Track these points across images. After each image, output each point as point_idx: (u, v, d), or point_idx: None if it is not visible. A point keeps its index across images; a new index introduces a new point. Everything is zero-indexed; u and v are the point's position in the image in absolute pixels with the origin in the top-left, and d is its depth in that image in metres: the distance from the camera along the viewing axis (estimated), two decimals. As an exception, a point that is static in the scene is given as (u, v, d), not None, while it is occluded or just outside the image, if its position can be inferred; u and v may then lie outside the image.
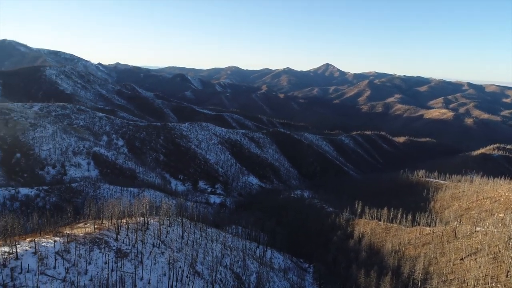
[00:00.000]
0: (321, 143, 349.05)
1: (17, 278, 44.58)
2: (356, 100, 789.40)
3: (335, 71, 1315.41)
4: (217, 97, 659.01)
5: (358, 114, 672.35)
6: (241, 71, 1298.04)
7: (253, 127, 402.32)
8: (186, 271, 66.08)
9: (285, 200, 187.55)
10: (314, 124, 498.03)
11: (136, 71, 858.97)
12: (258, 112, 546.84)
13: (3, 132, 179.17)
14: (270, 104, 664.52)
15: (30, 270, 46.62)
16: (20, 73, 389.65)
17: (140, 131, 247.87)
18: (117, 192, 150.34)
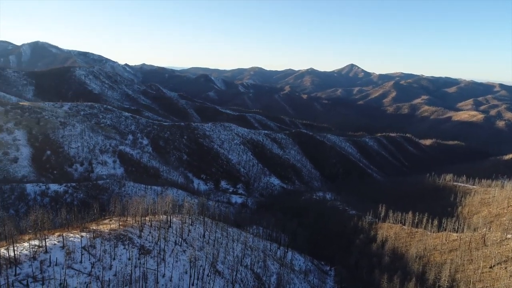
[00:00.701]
0: (344, 144, 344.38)
1: (46, 271, 46.25)
2: (381, 101, 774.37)
3: (360, 71, 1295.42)
4: (240, 98, 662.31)
5: (383, 115, 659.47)
6: (264, 71, 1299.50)
7: (275, 127, 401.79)
8: (207, 269, 66.66)
9: (306, 201, 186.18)
10: (337, 126, 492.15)
11: (161, 72, 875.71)
12: (281, 113, 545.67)
13: (35, 130, 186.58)
14: (293, 105, 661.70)
15: (58, 263, 48.26)
16: (51, 73, 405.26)
17: (164, 130, 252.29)
18: (141, 190, 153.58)
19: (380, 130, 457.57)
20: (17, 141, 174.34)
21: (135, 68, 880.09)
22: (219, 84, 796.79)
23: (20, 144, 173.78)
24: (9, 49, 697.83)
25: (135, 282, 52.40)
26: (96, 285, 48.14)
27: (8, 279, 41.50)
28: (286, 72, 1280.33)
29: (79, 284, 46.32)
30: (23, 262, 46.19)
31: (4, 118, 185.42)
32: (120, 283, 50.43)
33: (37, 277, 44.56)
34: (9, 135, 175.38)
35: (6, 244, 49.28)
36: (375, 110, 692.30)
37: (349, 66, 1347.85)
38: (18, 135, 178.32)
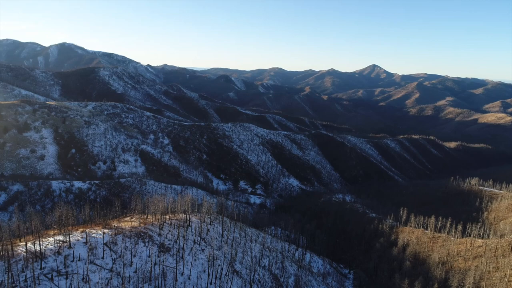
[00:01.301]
0: (365, 146, 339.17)
1: (69, 266, 47.60)
2: (403, 102, 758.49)
3: (382, 72, 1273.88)
4: (259, 98, 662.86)
5: (405, 117, 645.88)
6: (284, 72, 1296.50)
7: (295, 128, 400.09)
8: (225, 269, 66.97)
9: (326, 203, 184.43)
10: (358, 127, 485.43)
11: (182, 72, 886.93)
12: (301, 113, 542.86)
13: (61, 129, 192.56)
14: (313, 106, 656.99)
15: (81, 258, 49.58)
16: (77, 74, 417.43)
17: (185, 130, 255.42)
18: (162, 188, 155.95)
19: (402, 132, 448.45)
20: (44, 139, 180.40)
21: (157, 68, 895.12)
22: (239, 85, 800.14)
23: (47, 142, 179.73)
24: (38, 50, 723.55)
25: (154, 279, 53.22)
26: (117, 281, 49.14)
27: (34, 272, 42.94)
28: (306, 73, 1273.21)
29: (101, 280, 47.42)
30: (48, 257, 47.69)
31: (32, 117, 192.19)
32: (140, 280, 51.31)
33: (61, 272, 45.90)
34: (36, 134, 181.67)
35: (33, 238, 51.03)
36: (397, 112, 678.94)
37: (371, 67, 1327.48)
38: (45, 134, 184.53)
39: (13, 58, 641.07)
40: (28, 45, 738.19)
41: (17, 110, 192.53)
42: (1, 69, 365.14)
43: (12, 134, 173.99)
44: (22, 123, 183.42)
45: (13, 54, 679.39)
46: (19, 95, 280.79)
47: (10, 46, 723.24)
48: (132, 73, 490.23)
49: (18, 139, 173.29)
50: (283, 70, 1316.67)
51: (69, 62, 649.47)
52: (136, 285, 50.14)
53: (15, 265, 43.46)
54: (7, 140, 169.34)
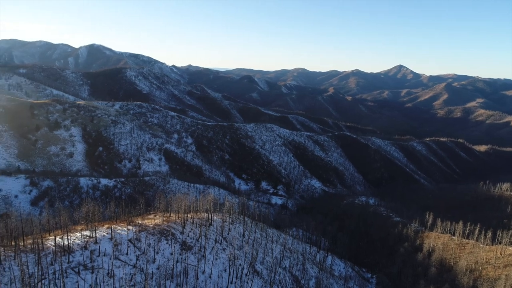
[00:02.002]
0: (389, 148, 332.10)
1: (95, 260, 49.01)
2: (431, 104, 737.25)
3: (409, 73, 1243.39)
4: (282, 99, 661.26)
5: (432, 119, 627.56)
6: (307, 73, 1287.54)
7: (318, 129, 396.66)
8: (246, 269, 67.13)
9: (348, 205, 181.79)
10: (383, 129, 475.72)
11: (206, 73, 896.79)
12: (324, 114, 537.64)
13: (89, 127, 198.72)
14: (337, 107, 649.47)
15: (106, 254, 50.95)
16: (104, 74, 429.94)
17: (208, 130, 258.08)
18: (185, 187, 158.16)
19: (429, 134, 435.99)
20: (73, 137, 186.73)
21: (182, 69, 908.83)
22: (262, 85, 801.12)
23: (76, 140, 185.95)
24: (68, 51, 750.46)
25: (176, 277, 53.99)
26: (140, 277, 50.17)
27: (62, 266, 44.49)
28: (330, 73, 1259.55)
29: (125, 275, 48.56)
30: (75, 251, 49.28)
31: (63, 115, 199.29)
32: (163, 277, 52.18)
33: (87, 266, 47.34)
34: (66, 132, 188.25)
35: (61, 233, 52.86)
36: (424, 113, 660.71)
37: (397, 67, 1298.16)
38: (74, 132, 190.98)
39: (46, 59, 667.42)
40: (59, 46, 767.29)
41: (49, 109, 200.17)
42: (34, 69, 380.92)
43: (43, 132, 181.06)
44: (53, 122, 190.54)
45: (46, 55, 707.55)
46: (50, 94, 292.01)
47: (43, 47, 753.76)
48: (158, 73, 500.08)
49: (49, 137, 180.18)
50: (306, 71, 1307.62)
51: (98, 63, 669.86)
52: (158, 281, 51.02)
53: (45, 258, 45.16)
54: (39, 138, 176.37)
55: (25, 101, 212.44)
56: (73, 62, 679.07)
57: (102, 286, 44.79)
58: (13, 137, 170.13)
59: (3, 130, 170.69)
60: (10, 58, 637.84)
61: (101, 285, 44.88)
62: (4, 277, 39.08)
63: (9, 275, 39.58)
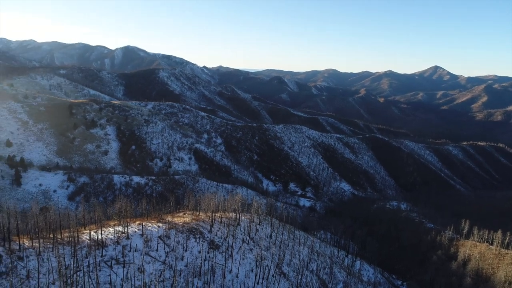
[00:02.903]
0: (423, 152, 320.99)
1: (127, 255, 50.58)
2: (468, 106, 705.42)
3: (445, 74, 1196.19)
4: (312, 100, 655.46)
5: (470, 122, 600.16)
6: (338, 73, 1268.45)
7: (348, 131, 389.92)
8: (273, 270, 66.99)
9: (379, 210, 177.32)
10: (416, 132, 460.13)
11: (236, 74, 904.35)
12: (355, 116, 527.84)
13: (123, 126, 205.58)
14: (368, 109, 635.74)
15: (137, 249, 52.46)
16: (138, 75, 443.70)
17: (237, 130, 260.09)
18: (213, 187, 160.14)
19: (466, 138, 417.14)
20: (108, 136, 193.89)
21: (213, 70, 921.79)
22: (292, 86, 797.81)
23: (110, 139, 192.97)
24: (105, 53, 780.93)
25: (204, 275, 54.73)
26: (169, 273, 51.25)
27: (96, 259, 46.27)
28: (362, 75, 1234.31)
29: (154, 271, 49.78)
30: (108, 245, 51.07)
31: (99, 115, 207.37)
32: (191, 274, 53.04)
33: (119, 260, 48.94)
34: (101, 130, 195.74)
35: (96, 227, 54.96)
36: (461, 116, 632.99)
37: (433, 68, 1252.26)
38: (109, 131, 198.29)
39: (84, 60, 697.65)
40: (96, 48, 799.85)
41: (86, 108, 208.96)
42: (73, 70, 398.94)
43: (80, 130, 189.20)
44: (90, 121, 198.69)
45: (84, 57, 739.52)
46: (87, 94, 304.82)
47: (81, 49, 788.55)
48: (189, 74, 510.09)
49: (85, 135, 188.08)
50: (337, 72, 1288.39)
51: (132, 64, 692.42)
52: (186, 278, 51.92)
53: (80, 251, 47.12)
54: (76, 136, 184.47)
55: (65, 101, 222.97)
56: (109, 63, 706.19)
57: (133, 280, 46.14)
58: (53, 135, 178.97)
59: (44, 128, 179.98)
60: (51, 59, 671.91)
61: (132, 279, 46.23)
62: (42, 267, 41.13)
63: (47, 266, 41.61)
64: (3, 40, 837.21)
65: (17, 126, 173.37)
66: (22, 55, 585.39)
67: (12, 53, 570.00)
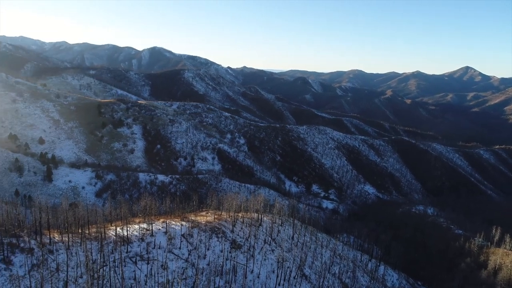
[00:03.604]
0: (452, 155, 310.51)
1: (151, 252, 51.63)
2: (501, 109, 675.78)
3: (476, 75, 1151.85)
4: (337, 101, 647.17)
5: (503, 125, 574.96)
6: (364, 74, 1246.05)
7: (373, 133, 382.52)
8: (294, 272, 66.59)
9: (404, 214, 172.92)
10: (445, 134, 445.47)
11: (260, 74, 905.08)
12: (380, 118, 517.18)
13: (148, 126, 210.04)
14: (394, 110, 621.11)
15: (161, 247, 53.45)
16: (164, 75, 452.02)
17: (260, 131, 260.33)
18: (236, 187, 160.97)
19: (498, 142, 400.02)
20: (134, 135, 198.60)
21: (237, 70, 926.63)
22: (316, 87, 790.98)
23: (136, 138, 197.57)
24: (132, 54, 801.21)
25: (225, 274, 55.08)
26: (192, 271, 51.91)
27: (121, 255, 47.46)
28: (389, 75, 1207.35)
29: (177, 268, 50.56)
30: (133, 242, 52.30)
31: (126, 114, 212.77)
32: (212, 273, 53.51)
33: (143, 257, 50.01)
34: (128, 129, 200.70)
35: (121, 224, 56.39)
36: (494, 119, 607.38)
37: (463, 69, 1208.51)
38: (135, 130, 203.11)
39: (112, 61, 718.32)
40: (124, 49, 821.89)
41: (114, 108, 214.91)
42: (102, 71, 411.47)
43: (108, 129, 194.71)
44: (117, 120, 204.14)
45: (112, 58, 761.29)
46: (115, 94, 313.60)
47: (110, 50, 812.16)
48: (213, 74, 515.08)
49: (113, 133, 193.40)
50: (363, 72, 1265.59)
51: (158, 65, 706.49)
52: (208, 277, 52.42)
53: (106, 247, 48.48)
54: (104, 134, 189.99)
55: (94, 100, 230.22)
56: (136, 64, 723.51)
57: (156, 277, 47.02)
58: (82, 133, 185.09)
59: (74, 127, 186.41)
60: (82, 60, 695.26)
61: (156, 276, 47.13)
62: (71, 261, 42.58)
63: (75, 260, 43.06)
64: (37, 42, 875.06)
65: (49, 125, 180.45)
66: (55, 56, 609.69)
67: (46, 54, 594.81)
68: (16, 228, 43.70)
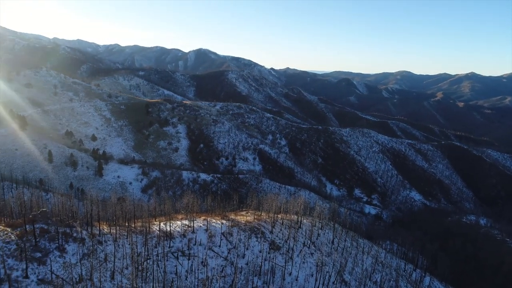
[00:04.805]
0: (510, 163, 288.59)
1: (192, 248, 52.91)
2: None
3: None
4: (382, 103, 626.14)
5: None
6: (412, 76, 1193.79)
7: (421, 137, 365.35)
8: (333, 277, 65.19)
9: (453, 224, 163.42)
10: (502, 140, 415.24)
11: (303, 75, 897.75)
12: (429, 121, 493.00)
13: (192, 125, 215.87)
14: (445, 114, 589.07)
15: (201, 244, 54.59)
16: (208, 76, 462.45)
17: (302, 133, 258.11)
18: (276, 188, 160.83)
19: None
20: (179, 134, 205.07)
21: (280, 71, 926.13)
22: (361, 89, 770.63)
23: (181, 137, 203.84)
24: (179, 55, 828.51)
25: (263, 274, 55.12)
26: (230, 269, 52.52)
27: (164, 249, 49.14)
28: (440, 77, 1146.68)
29: (217, 266, 51.39)
30: (175, 238, 53.90)
31: (171, 114, 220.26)
32: (251, 272, 53.79)
33: (185, 252, 51.37)
34: (173, 129, 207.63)
35: (165, 220, 58.36)
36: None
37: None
38: (180, 129, 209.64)
39: (160, 62, 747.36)
40: (172, 51, 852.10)
41: (160, 108, 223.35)
42: (150, 72, 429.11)
43: (155, 128, 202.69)
44: (163, 119, 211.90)
45: (160, 59, 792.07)
46: (162, 94, 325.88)
47: (158, 52, 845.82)
48: (256, 76, 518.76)
49: (159, 132, 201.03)
50: (411, 74, 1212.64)
51: (204, 66, 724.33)
52: (246, 276, 52.76)
53: (150, 241, 50.40)
54: (151, 133, 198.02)
55: (142, 100, 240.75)
56: (182, 65, 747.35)
57: (197, 273, 48.11)
58: (130, 131, 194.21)
59: (123, 125, 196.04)
60: (132, 62, 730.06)
61: (196, 272, 48.23)
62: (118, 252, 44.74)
63: (122, 252, 45.18)
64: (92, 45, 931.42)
65: (101, 123, 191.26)
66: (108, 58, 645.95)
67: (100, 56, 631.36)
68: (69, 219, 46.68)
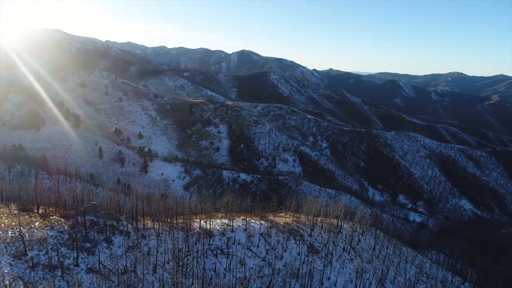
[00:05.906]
0: None
1: (230, 247, 53.59)
2: None
3: None
4: (431, 106, 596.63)
5: None
6: (464, 77, 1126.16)
7: (473, 143, 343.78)
8: (374, 285, 63.09)
9: (508, 236, 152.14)
10: None
11: (347, 77, 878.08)
12: (483, 126, 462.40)
13: (234, 125, 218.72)
14: (501, 118, 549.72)
15: (240, 243, 55.13)
16: (251, 77, 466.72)
17: (344, 135, 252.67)
18: (316, 190, 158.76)
19: None
20: (220, 134, 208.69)
21: (322, 73, 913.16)
22: (407, 91, 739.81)
23: (222, 137, 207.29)
24: (222, 57, 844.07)
25: (301, 277, 54.56)
26: (268, 270, 52.54)
27: (204, 247, 50.18)
28: (496, 78, 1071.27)
29: (255, 266, 51.62)
30: (215, 236, 54.88)
31: (213, 114, 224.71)
32: (289, 274, 53.46)
33: (224, 251, 52.14)
34: (215, 128, 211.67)
35: (205, 217, 59.61)
36: None
37: None
38: (221, 129, 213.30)
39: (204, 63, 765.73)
40: (215, 53, 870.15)
41: (203, 108, 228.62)
42: (195, 73, 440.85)
43: (197, 128, 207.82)
44: (206, 119, 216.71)
45: (204, 61, 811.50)
46: (205, 95, 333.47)
47: (202, 54, 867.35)
48: (298, 77, 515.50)
49: (201, 132, 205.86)
50: (463, 75, 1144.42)
51: (246, 67, 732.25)
52: (284, 278, 52.50)
53: (191, 237, 51.70)
54: (194, 132, 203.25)
55: (186, 100, 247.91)
56: (225, 67, 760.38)
57: (235, 271, 48.63)
58: (175, 131, 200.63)
59: (168, 124, 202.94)
60: (177, 63, 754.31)
61: (234, 270, 48.77)
62: (160, 247, 46.38)
63: (164, 246, 46.78)
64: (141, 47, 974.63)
65: (148, 121, 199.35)
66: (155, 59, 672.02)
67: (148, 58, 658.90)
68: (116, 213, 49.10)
